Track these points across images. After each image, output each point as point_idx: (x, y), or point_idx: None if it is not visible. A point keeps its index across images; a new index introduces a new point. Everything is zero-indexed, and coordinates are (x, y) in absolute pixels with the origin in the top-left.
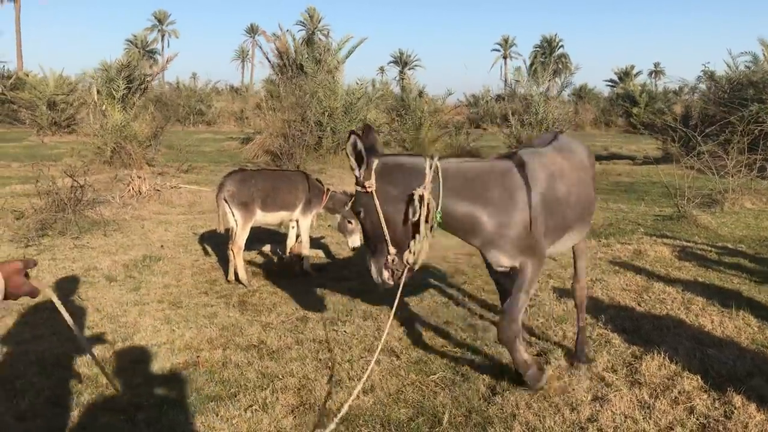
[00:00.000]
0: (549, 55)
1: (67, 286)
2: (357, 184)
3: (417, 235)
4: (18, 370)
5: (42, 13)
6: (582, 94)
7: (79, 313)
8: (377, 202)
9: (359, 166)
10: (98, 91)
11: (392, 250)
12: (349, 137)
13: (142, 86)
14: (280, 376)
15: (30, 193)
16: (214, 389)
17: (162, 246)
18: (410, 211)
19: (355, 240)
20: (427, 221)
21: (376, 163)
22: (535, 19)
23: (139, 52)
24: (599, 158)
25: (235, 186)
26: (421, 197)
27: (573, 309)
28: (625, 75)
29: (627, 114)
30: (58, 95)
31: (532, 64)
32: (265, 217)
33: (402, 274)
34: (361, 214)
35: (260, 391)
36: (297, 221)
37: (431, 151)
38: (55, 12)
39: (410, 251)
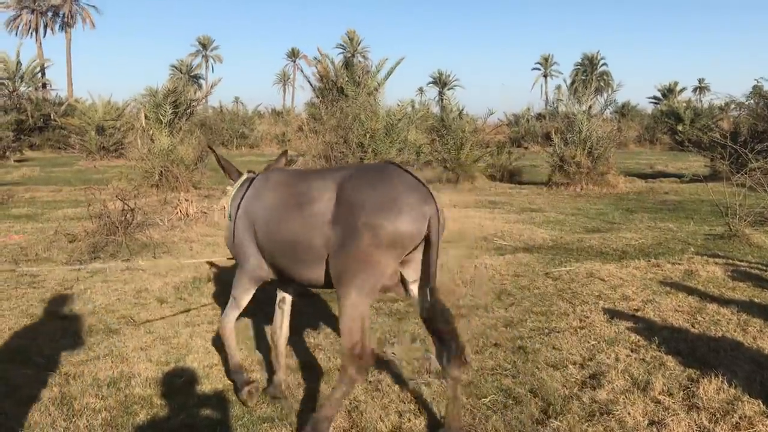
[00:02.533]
0: (590, 72)
1: (121, 307)
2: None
3: None
4: (75, 390)
5: (90, 40)
6: (625, 111)
7: (131, 335)
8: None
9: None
10: (146, 116)
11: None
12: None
13: (188, 111)
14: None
15: (82, 216)
16: (266, 411)
17: (211, 268)
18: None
19: None
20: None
21: (247, 175)
22: (576, 37)
23: (184, 77)
24: (644, 176)
25: None
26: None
27: (626, 330)
28: (668, 91)
29: (672, 131)
30: (106, 121)
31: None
32: None
33: None
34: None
35: (311, 412)
36: None
37: (474, 172)
38: (103, 39)
39: None
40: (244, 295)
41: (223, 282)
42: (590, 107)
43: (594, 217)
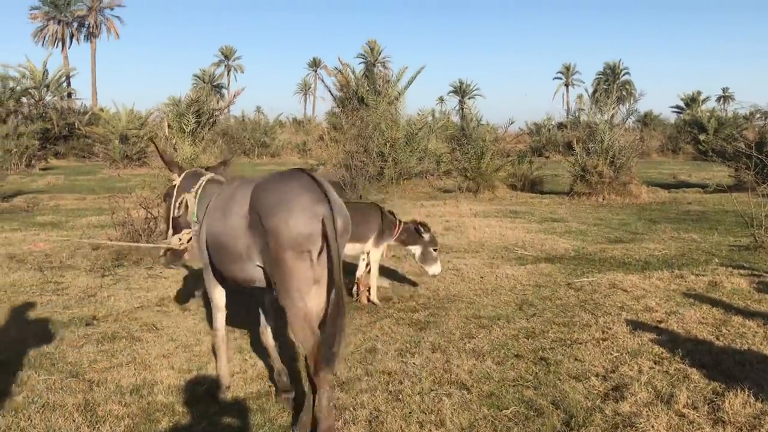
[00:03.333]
0: (612, 82)
1: (143, 315)
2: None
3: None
4: (98, 397)
5: (114, 50)
6: (647, 120)
7: (154, 342)
8: (174, 194)
9: (170, 168)
10: (169, 125)
11: (170, 232)
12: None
13: (211, 120)
14: (351, 408)
15: (105, 224)
16: (287, 419)
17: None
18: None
19: (437, 268)
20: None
21: (190, 170)
22: (598, 46)
23: (207, 86)
24: (668, 186)
25: None
26: (185, 201)
27: (649, 342)
28: (692, 101)
29: (695, 141)
30: (130, 129)
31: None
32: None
33: (167, 254)
34: (165, 200)
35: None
36: (368, 252)
37: (495, 181)
38: (127, 49)
39: (178, 237)
40: (216, 293)
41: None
42: (612, 116)
43: (616, 228)
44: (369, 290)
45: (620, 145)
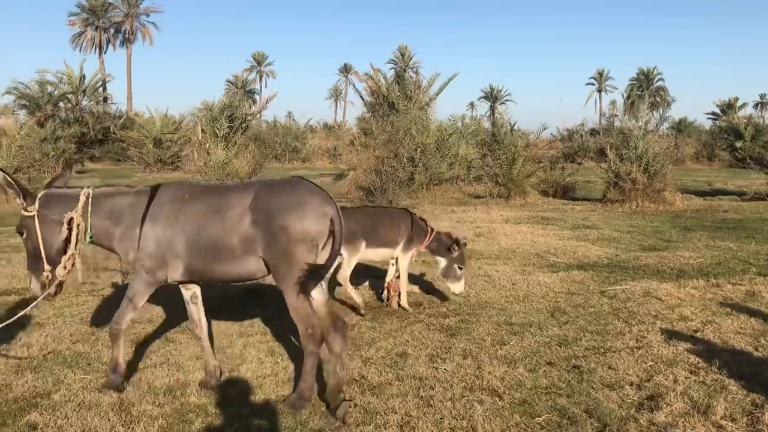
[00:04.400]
0: (646, 88)
1: (175, 317)
2: (23, 209)
3: (67, 252)
4: (133, 397)
5: (149, 56)
6: (681, 127)
7: (187, 344)
8: (37, 225)
9: (19, 196)
10: (202, 130)
11: (47, 267)
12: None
13: (243, 125)
14: (382, 412)
15: None
16: (318, 423)
17: (264, 278)
18: (63, 231)
19: (459, 287)
20: (77, 240)
21: (41, 193)
22: (632, 52)
23: (239, 92)
24: (703, 194)
25: None
26: (71, 219)
27: (684, 352)
28: (728, 107)
29: (731, 148)
30: (164, 134)
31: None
32: (367, 254)
33: (55, 287)
34: (24, 235)
35: (363, 426)
36: (397, 258)
37: (526, 187)
38: (161, 55)
39: (63, 266)
40: (142, 298)
41: (276, 293)
42: (646, 123)
43: (650, 235)
44: (399, 295)
45: (654, 151)
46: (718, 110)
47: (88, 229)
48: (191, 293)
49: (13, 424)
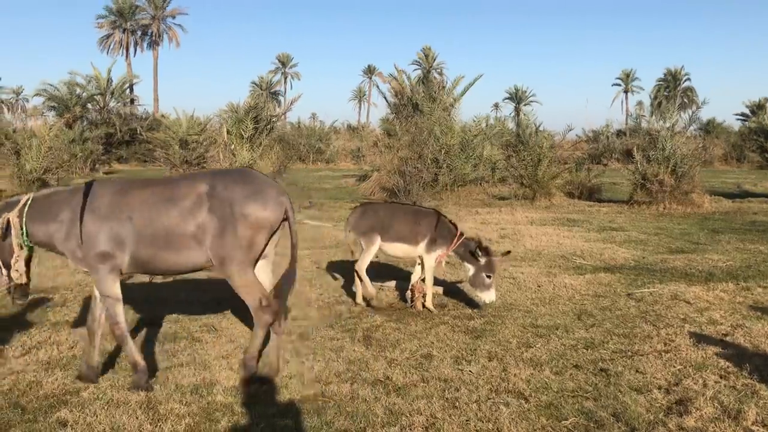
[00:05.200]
0: (673, 88)
1: (203, 316)
2: None
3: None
4: (160, 396)
5: (175, 58)
6: (710, 128)
7: (213, 343)
8: None
9: None
10: (228, 131)
11: (4, 271)
12: None
13: (268, 126)
14: (408, 414)
15: None
16: (343, 423)
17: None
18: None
19: (488, 296)
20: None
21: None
22: (658, 52)
23: (264, 93)
24: (731, 196)
25: (357, 217)
26: (8, 221)
27: (714, 356)
28: (758, 108)
29: (761, 149)
30: (190, 135)
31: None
32: (385, 247)
33: (12, 291)
34: None
35: (388, 427)
36: (420, 257)
37: (551, 189)
38: (187, 57)
39: (14, 269)
40: (114, 288)
41: (302, 295)
42: (674, 124)
43: (678, 238)
44: (424, 296)
45: (682, 153)
46: (747, 111)
47: (22, 230)
48: None
49: (44, 421)
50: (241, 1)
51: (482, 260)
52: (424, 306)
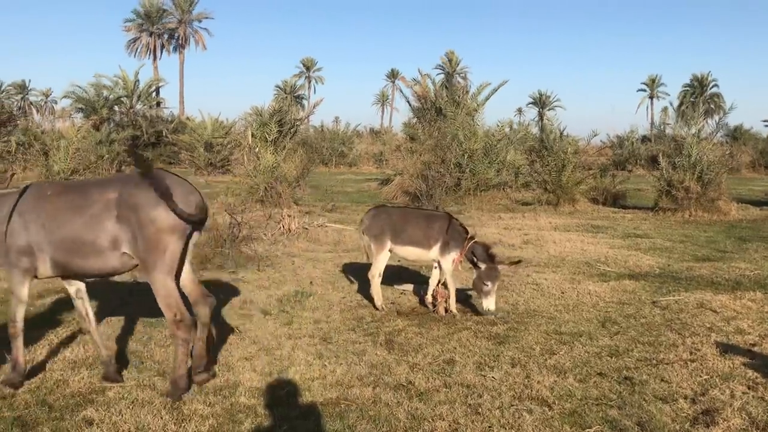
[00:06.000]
0: (700, 94)
1: (227, 318)
2: None
3: None
4: (184, 396)
5: (201, 61)
6: (737, 135)
7: (237, 345)
8: None
9: None
10: (252, 135)
11: None
12: None
13: (292, 130)
14: (430, 419)
15: None
16: (365, 427)
17: (311, 282)
18: None
19: (487, 304)
20: None
21: None
22: (685, 58)
23: (288, 97)
24: (759, 203)
25: (369, 220)
26: None
27: (741, 366)
28: None
29: None
30: (214, 138)
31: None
32: (397, 250)
33: None
34: None
35: None
36: (436, 261)
37: (575, 195)
38: (213, 60)
39: None
40: (22, 290)
41: (325, 298)
42: (700, 130)
43: (704, 245)
44: (447, 300)
45: (708, 159)
46: None
47: None
48: (75, 288)
49: (71, 419)
50: (266, 5)
51: (482, 266)
52: (446, 311)
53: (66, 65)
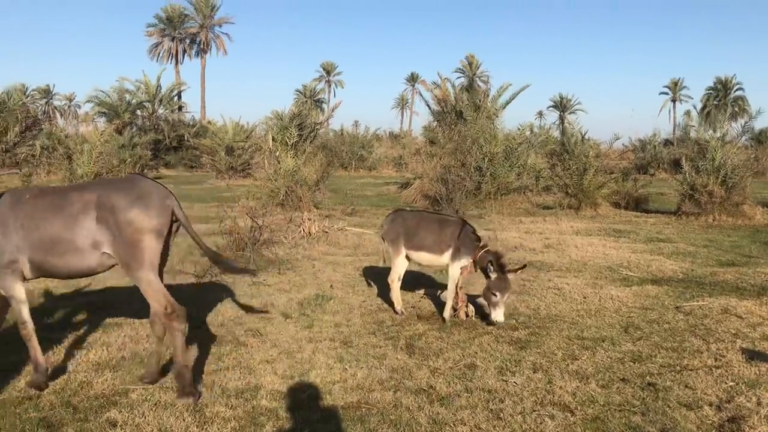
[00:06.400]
0: (724, 97)
1: (248, 320)
2: None
3: None
4: (206, 399)
5: (222, 66)
6: (762, 138)
7: (258, 348)
8: None
9: None
10: (273, 138)
11: None
12: None
13: (312, 134)
14: (451, 424)
15: (212, 232)
16: (387, 431)
17: (331, 286)
18: None
19: (495, 315)
20: None
21: None
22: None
23: (308, 101)
24: None
25: (387, 224)
26: None
27: (767, 372)
28: None
29: None
30: (236, 142)
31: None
32: (411, 255)
33: None
34: None
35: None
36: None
37: (597, 199)
38: (233, 65)
39: None
40: (15, 290)
41: (345, 301)
42: (724, 134)
43: (728, 250)
44: (467, 305)
45: (733, 163)
46: None
47: None
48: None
49: (95, 420)
50: (286, 10)
51: (492, 275)
52: (467, 315)
53: (89, 70)
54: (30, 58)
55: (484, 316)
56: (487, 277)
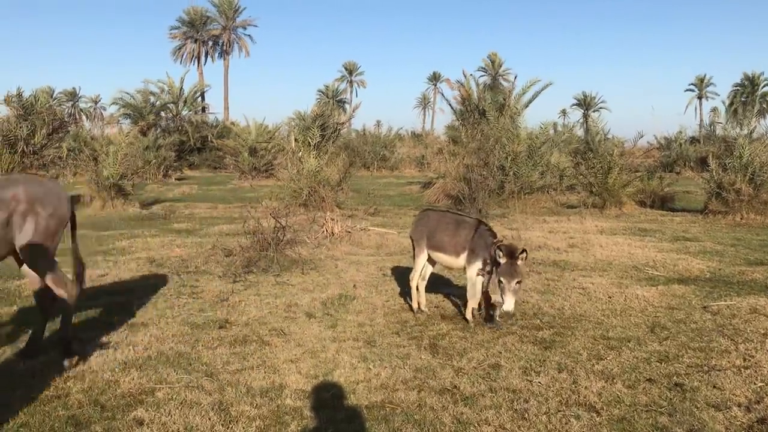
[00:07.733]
0: (751, 94)
1: (272, 320)
2: None
3: None
4: (231, 398)
5: (245, 67)
6: None
7: (282, 347)
8: None
9: None
10: (296, 139)
11: None
12: None
13: (334, 134)
14: (476, 424)
15: (236, 232)
16: (411, 431)
17: (355, 286)
18: None
19: (505, 304)
20: None
21: None
22: (734, 57)
23: (331, 101)
24: None
25: (414, 223)
26: None
27: None
28: None
29: None
30: (259, 142)
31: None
32: (432, 255)
33: None
34: None
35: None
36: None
37: (622, 197)
38: (256, 66)
39: None
40: None
41: (368, 301)
42: (752, 131)
43: (757, 249)
44: (491, 306)
45: (761, 161)
46: None
47: None
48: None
49: (122, 419)
50: (308, 11)
51: (502, 260)
52: (490, 316)
53: (114, 72)
54: (56, 61)
55: (486, 318)
56: (496, 264)
